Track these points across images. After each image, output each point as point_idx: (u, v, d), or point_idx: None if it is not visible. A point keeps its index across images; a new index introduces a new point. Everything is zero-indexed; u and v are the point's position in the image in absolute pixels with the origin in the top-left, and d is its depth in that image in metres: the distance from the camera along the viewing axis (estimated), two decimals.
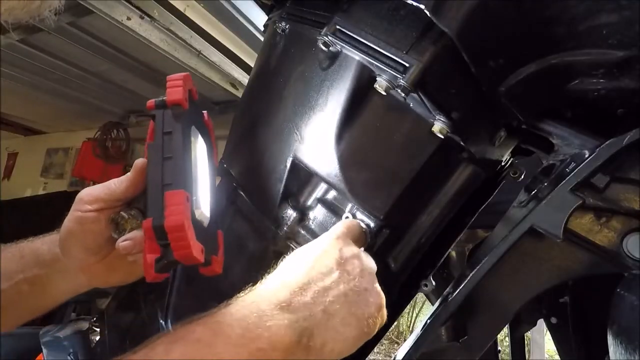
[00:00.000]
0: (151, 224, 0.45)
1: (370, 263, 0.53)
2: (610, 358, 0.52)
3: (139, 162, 0.54)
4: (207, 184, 0.59)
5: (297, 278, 0.48)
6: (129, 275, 0.60)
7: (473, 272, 0.55)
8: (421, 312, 5.30)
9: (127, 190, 0.54)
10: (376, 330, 0.50)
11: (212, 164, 0.62)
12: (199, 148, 0.59)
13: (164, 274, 0.47)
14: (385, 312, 0.51)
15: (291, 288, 0.47)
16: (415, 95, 0.51)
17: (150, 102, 0.52)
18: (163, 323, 0.84)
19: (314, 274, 0.48)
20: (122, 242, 0.52)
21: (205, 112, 0.64)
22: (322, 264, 0.49)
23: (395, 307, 0.69)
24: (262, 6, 0.82)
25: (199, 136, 0.60)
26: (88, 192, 0.55)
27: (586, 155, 0.51)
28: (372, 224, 0.60)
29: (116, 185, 0.54)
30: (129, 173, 0.54)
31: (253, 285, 0.49)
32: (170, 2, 2.14)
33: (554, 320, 0.99)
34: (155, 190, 0.47)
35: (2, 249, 0.64)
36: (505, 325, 0.71)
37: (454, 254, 1.12)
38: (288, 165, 0.65)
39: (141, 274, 0.59)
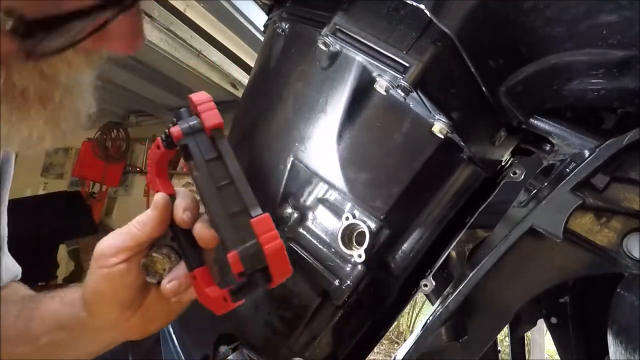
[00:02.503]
0: (239, 255, 0.43)
1: None
2: (610, 358, 0.52)
3: (160, 199, 0.50)
4: None
5: None
6: (166, 319, 0.56)
7: (473, 272, 0.55)
8: (421, 312, 5.29)
9: (154, 231, 0.50)
10: None
11: None
12: None
13: (238, 302, 0.47)
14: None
15: None
16: (415, 95, 0.51)
17: (177, 131, 0.48)
18: None
19: None
20: (169, 284, 0.49)
21: None
22: None
23: (395, 307, 0.69)
24: (262, 6, 0.82)
25: None
26: (109, 244, 0.50)
27: (586, 155, 0.51)
28: (372, 224, 0.60)
29: (139, 228, 0.50)
30: (149, 212, 0.50)
31: None
32: (170, 2, 2.15)
33: (554, 320, 0.99)
34: (226, 221, 0.46)
35: (21, 308, 0.60)
36: (505, 325, 0.71)
37: (454, 254, 1.11)
38: (288, 165, 0.65)
39: (178, 312, 0.56)
